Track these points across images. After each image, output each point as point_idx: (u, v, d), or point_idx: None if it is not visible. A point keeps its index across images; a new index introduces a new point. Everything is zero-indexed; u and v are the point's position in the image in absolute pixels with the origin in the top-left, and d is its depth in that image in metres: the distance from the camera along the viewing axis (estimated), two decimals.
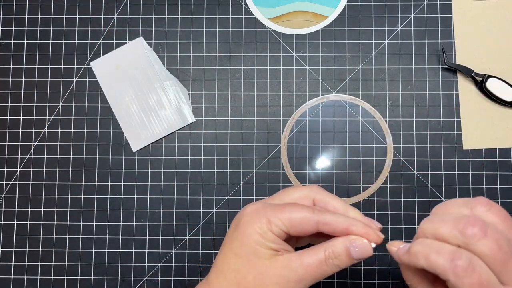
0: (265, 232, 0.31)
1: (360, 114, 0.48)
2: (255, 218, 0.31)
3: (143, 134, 0.48)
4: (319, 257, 0.31)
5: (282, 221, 0.30)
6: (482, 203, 0.28)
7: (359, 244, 0.30)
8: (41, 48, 0.50)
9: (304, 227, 0.30)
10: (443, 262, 0.26)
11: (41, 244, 0.47)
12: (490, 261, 0.26)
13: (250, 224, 0.31)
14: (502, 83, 0.47)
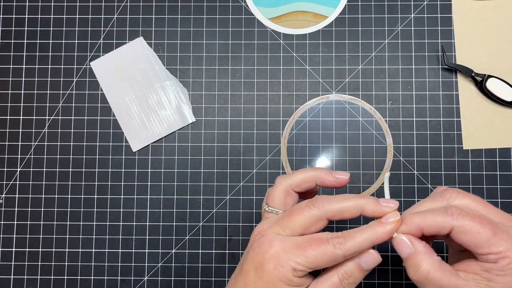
0: (290, 280, 0.31)
1: (360, 114, 0.48)
2: (279, 267, 0.31)
3: (143, 134, 0.48)
4: (333, 281, 0.31)
5: (307, 265, 0.31)
6: (448, 192, 0.32)
7: (366, 256, 0.31)
8: (41, 48, 0.50)
9: (330, 263, 0.31)
10: (441, 216, 0.29)
11: (41, 244, 0.47)
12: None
13: (277, 273, 0.31)
14: (502, 83, 0.47)
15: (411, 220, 0.31)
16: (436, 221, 0.30)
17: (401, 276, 0.46)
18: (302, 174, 0.34)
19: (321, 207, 0.32)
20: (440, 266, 0.30)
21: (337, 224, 0.47)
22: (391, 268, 0.46)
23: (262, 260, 0.31)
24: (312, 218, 0.32)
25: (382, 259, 0.46)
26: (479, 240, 0.29)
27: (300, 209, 0.32)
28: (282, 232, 0.32)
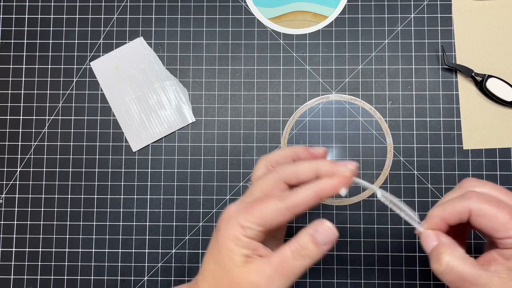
0: (238, 239, 0.30)
1: (360, 114, 0.48)
2: (228, 226, 0.31)
3: (143, 134, 0.48)
4: (285, 254, 0.30)
5: (255, 222, 0.30)
6: (467, 181, 0.32)
7: (321, 226, 0.31)
8: (41, 48, 0.50)
9: (279, 220, 0.30)
10: (460, 202, 0.30)
11: (41, 244, 0.47)
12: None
13: (225, 232, 0.31)
14: (502, 83, 0.47)
15: (432, 214, 0.31)
16: (455, 208, 0.30)
17: (401, 276, 0.46)
18: (281, 152, 0.35)
19: (278, 170, 0.32)
20: (462, 257, 0.29)
21: (337, 224, 0.47)
22: (391, 268, 0.46)
23: (219, 222, 0.31)
24: (270, 180, 0.32)
25: (382, 259, 0.46)
26: (496, 223, 0.29)
27: (261, 177, 0.33)
28: (245, 200, 0.32)
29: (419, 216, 0.32)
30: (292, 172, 0.32)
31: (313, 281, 0.46)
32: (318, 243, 0.30)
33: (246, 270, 0.30)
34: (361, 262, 0.46)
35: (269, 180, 0.32)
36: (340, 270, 0.46)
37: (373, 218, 0.47)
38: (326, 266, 0.46)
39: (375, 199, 0.47)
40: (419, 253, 0.46)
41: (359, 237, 0.46)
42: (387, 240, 0.46)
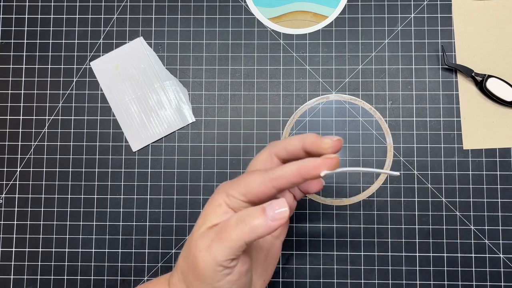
0: (220, 205, 0.31)
1: (360, 114, 0.48)
2: (215, 194, 0.31)
3: (143, 134, 0.48)
4: (230, 220, 0.30)
5: (239, 192, 0.30)
6: None
7: (278, 203, 0.30)
8: (41, 48, 0.50)
9: (261, 191, 0.30)
10: None
11: (41, 244, 0.47)
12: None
13: (212, 200, 0.31)
14: (502, 83, 0.47)
15: None
16: None
17: (401, 276, 0.46)
18: (288, 140, 0.34)
19: (268, 145, 0.34)
20: None
21: (337, 224, 0.47)
22: (391, 268, 0.46)
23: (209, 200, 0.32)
24: (262, 155, 0.33)
25: (383, 260, 0.46)
26: None
27: (256, 156, 0.34)
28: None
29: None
30: (281, 145, 0.33)
31: (313, 281, 0.46)
32: (266, 216, 0.29)
33: (200, 236, 0.30)
34: (361, 262, 0.46)
35: (262, 155, 0.34)
36: (340, 270, 0.46)
37: (373, 218, 0.47)
38: (326, 266, 0.46)
39: (375, 199, 0.47)
40: (419, 253, 0.46)
41: (359, 237, 0.46)
42: (387, 240, 0.46)
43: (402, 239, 0.46)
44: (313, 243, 0.46)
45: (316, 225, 0.47)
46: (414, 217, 0.46)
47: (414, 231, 0.46)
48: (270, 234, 0.30)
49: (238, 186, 0.30)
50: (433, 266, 0.46)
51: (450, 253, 0.46)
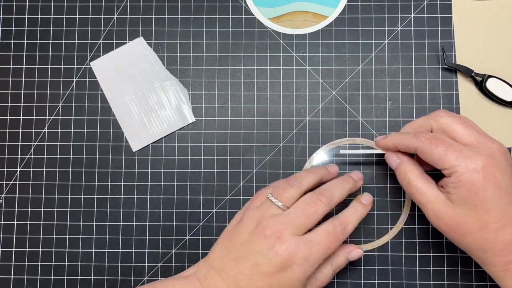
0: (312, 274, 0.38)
1: (360, 114, 0.48)
2: (309, 268, 0.37)
3: (143, 134, 0.48)
4: (329, 273, 0.40)
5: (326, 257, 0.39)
6: (438, 112, 0.39)
7: (354, 252, 0.42)
8: (41, 48, 0.50)
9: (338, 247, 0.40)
10: (410, 139, 0.38)
11: (41, 244, 0.47)
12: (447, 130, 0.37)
13: (306, 273, 0.37)
14: (502, 83, 0.47)
15: (389, 139, 0.40)
16: (406, 142, 0.38)
17: (401, 276, 0.46)
18: (313, 179, 0.41)
19: (329, 203, 0.39)
20: (420, 175, 0.38)
21: None
22: (391, 268, 0.46)
23: (293, 264, 0.36)
24: (323, 215, 0.38)
25: (383, 259, 0.46)
26: (433, 158, 0.36)
27: (313, 209, 0.38)
28: (298, 233, 0.37)
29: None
30: (337, 202, 0.40)
31: None
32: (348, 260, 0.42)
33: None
34: (361, 262, 0.46)
35: (322, 216, 0.39)
36: (340, 270, 0.46)
37: (373, 217, 0.47)
38: None
39: (375, 199, 0.47)
40: (419, 253, 0.46)
41: (359, 237, 0.46)
42: (387, 240, 0.46)
43: (402, 239, 0.46)
44: None
45: None
46: (414, 217, 0.46)
47: (414, 230, 0.46)
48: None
49: (328, 254, 0.39)
50: (433, 266, 0.46)
51: (450, 253, 0.46)
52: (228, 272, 0.37)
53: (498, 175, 0.35)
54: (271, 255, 0.36)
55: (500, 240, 0.35)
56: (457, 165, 0.35)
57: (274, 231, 0.36)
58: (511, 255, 0.35)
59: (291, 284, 0.36)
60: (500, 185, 0.35)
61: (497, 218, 0.35)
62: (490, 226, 0.35)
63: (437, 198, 0.37)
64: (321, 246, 0.37)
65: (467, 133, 0.37)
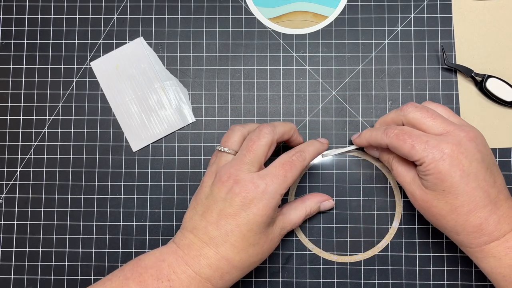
0: (279, 205, 0.39)
1: (360, 115, 0.48)
2: (271, 199, 0.37)
3: (143, 134, 0.48)
4: (302, 214, 0.43)
5: (288, 186, 0.39)
6: (407, 106, 0.40)
7: (326, 203, 0.45)
8: (41, 48, 0.50)
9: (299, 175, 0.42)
10: (380, 136, 0.40)
11: (41, 244, 0.47)
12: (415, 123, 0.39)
13: (269, 205, 0.37)
14: (502, 83, 0.47)
15: (363, 135, 0.43)
16: (376, 139, 0.41)
17: (401, 276, 0.46)
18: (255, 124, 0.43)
19: (271, 132, 0.39)
20: (400, 159, 0.41)
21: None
22: (391, 268, 0.46)
23: (253, 199, 0.37)
24: (268, 144, 0.39)
25: (383, 259, 0.46)
26: (403, 152, 0.38)
27: (256, 141, 0.39)
28: (252, 169, 0.38)
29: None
30: (281, 133, 0.41)
31: (313, 281, 0.46)
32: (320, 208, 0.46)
33: (276, 230, 0.41)
34: (361, 262, 0.46)
35: (268, 144, 0.40)
36: (340, 270, 0.46)
37: (373, 218, 0.47)
38: (326, 266, 0.46)
39: (375, 199, 0.47)
40: (419, 253, 0.46)
41: (359, 237, 0.46)
42: (387, 240, 0.46)
43: (402, 239, 0.46)
44: (313, 243, 0.47)
45: (317, 225, 0.47)
46: (414, 216, 0.46)
47: (414, 231, 0.46)
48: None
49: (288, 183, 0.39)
50: (433, 266, 0.46)
51: (450, 253, 0.46)
52: (199, 227, 0.38)
53: (465, 161, 0.36)
54: (230, 197, 0.37)
55: (471, 223, 0.37)
56: (425, 156, 0.37)
57: (229, 175, 0.38)
58: (483, 237, 0.37)
59: (259, 220, 0.37)
60: (467, 171, 0.36)
61: (466, 202, 0.37)
62: (459, 209, 0.37)
63: (413, 181, 0.39)
64: (277, 177, 0.38)
65: (436, 125, 0.38)
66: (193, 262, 0.37)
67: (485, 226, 0.37)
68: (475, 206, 0.37)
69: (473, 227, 0.37)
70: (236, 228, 0.37)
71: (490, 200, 0.37)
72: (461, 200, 0.37)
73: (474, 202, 0.36)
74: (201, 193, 0.40)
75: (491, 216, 0.37)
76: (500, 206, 0.37)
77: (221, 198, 0.38)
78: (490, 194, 0.37)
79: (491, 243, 0.37)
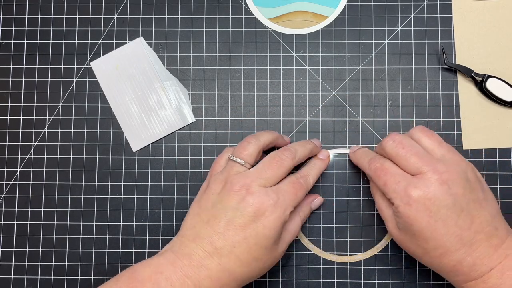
0: (286, 217, 0.38)
1: (360, 114, 0.48)
2: (281, 214, 0.37)
3: (143, 134, 0.48)
4: (298, 223, 0.42)
5: (297, 204, 0.40)
6: (386, 141, 0.39)
7: (316, 201, 0.45)
8: (41, 48, 0.50)
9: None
10: (365, 165, 0.41)
11: (41, 244, 0.47)
12: (394, 158, 0.38)
13: (280, 219, 0.37)
14: (502, 83, 0.47)
15: (355, 156, 0.44)
16: (362, 166, 0.41)
17: (401, 276, 0.46)
18: (270, 136, 0.43)
19: (293, 158, 0.40)
20: (382, 195, 0.40)
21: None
22: (391, 268, 0.46)
23: (265, 211, 0.36)
24: (288, 168, 0.40)
25: (383, 259, 0.47)
26: (379, 187, 0.38)
27: (279, 163, 0.39)
28: (267, 185, 0.38)
29: None
30: (301, 157, 0.42)
31: (313, 281, 0.46)
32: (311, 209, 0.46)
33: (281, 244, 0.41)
34: (361, 261, 0.46)
35: (288, 168, 0.40)
36: (340, 270, 0.46)
37: (373, 217, 0.47)
38: (326, 266, 0.46)
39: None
40: None
41: (359, 237, 0.46)
42: (387, 240, 0.46)
43: None
44: (313, 243, 0.47)
45: (317, 225, 0.47)
46: None
47: None
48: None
49: (297, 201, 0.40)
50: None
51: None
52: (202, 236, 0.37)
53: (432, 207, 0.35)
54: (242, 207, 0.36)
55: (445, 265, 0.36)
56: (394, 197, 0.36)
57: (242, 185, 0.37)
58: (460, 276, 0.36)
59: (267, 234, 0.36)
60: (435, 217, 0.35)
61: (436, 247, 0.36)
62: (431, 253, 0.36)
63: (391, 219, 0.39)
64: (289, 193, 0.38)
65: (409, 166, 0.37)
66: (193, 273, 0.35)
67: (460, 267, 0.36)
68: (446, 250, 0.36)
69: (448, 267, 0.36)
70: (243, 240, 0.36)
71: (463, 243, 0.35)
72: (431, 244, 0.36)
73: (444, 247, 0.35)
74: (207, 200, 0.38)
75: (465, 258, 0.35)
76: (477, 248, 0.35)
77: (231, 207, 0.37)
78: (463, 237, 0.35)
79: (470, 282, 0.36)
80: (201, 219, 0.38)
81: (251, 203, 0.36)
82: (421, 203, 0.35)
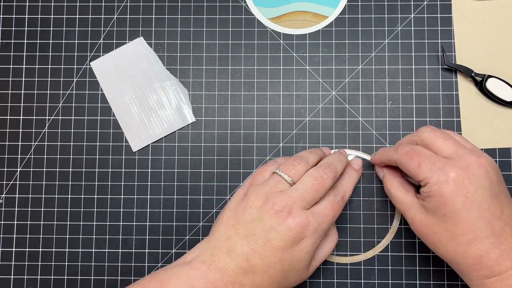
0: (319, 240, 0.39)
1: (360, 114, 0.48)
2: (318, 238, 0.38)
3: (143, 134, 0.48)
4: (332, 246, 0.42)
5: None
6: (422, 128, 0.40)
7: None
8: (41, 48, 0.50)
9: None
10: (391, 153, 0.41)
11: (41, 244, 0.47)
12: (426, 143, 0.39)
13: (315, 244, 0.38)
14: (502, 83, 0.47)
15: (376, 154, 0.44)
16: (388, 155, 0.41)
17: (401, 276, 0.46)
18: (318, 157, 0.42)
19: (335, 177, 0.40)
20: (398, 185, 0.41)
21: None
22: (391, 268, 0.46)
23: (304, 237, 0.37)
24: (328, 188, 0.39)
25: (383, 259, 0.46)
26: (410, 170, 0.38)
27: (321, 184, 0.38)
28: (307, 207, 0.38)
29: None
30: (337, 176, 0.41)
31: (313, 281, 0.46)
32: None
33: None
34: (361, 262, 0.46)
35: (327, 189, 0.40)
36: (340, 270, 0.46)
37: (373, 216, 0.47)
38: (326, 266, 0.46)
39: (375, 199, 0.47)
40: (419, 253, 0.46)
41: (359, 237, 0.46)
42: (387, 240, 0.46)
43: (402, 239, 0.46)
44: None
45: None
46: None
47: None
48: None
49: (331, 222, 0.40)
50: (433, 266, 0.46)
51: None
52: (238, 251, 0.36)
53: (470, 188, 0.35)
54: (283, 230, 0.36)
55: (470, 254, 0.35)
56: (429, 177, 0.36)
57: (284, 206, 0.37)
58: (483, 270, 0.35)
59: (302, 257, 0.37)
60: (472, 198, 0.35)
61: (466, 231, 0.35)
62: (459, 238, 0.35)
63: (412, 206, 0.39)
64: (327, 217, 0.38)
65: (446, 146, 0.37)
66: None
67: (485, 259, 0.35)
68: (475, 236, 0.35)
69: (473, 258, 0.35)
70: (279, 261, 0.36)
71: (493, 232, 0.35)
72: (461, 228, 0.35)
73: (474, 232, 0.35)
74: (244, 212, 0.38)
75: (492, 249, 0.35)
76: (504, 240, 0.35)
77: (271, 227, 0.36)
78: (494, 225, 0.35)
79: (491, 278, 0.35)
80: (237, 233, 0.37)
81: (292, 228, 0.36)
82: (459, 182, 0.35)
